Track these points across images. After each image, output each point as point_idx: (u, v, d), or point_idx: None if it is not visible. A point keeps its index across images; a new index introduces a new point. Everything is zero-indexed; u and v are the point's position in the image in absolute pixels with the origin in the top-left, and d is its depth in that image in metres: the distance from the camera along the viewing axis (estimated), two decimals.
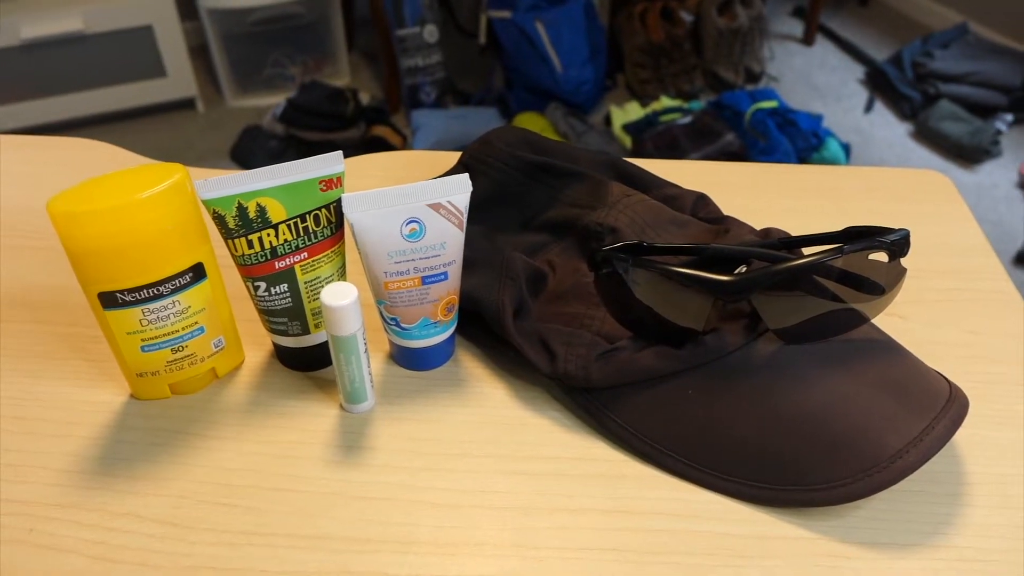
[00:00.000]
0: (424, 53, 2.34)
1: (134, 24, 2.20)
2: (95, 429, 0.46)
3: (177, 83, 2.34)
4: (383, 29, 2.29)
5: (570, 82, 2.34)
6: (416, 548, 0.40)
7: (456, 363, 0.51)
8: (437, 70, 2.39)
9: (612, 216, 0.53)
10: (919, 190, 0.65)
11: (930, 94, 2.45)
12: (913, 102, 2.45)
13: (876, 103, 2.53)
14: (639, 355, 0.45)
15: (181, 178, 0.42)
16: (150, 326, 0.44)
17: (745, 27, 2.53)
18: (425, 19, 2.31)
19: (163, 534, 0.41)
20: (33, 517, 0.42)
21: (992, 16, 2.69)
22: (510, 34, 2.34)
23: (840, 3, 3.15)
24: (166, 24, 2.23)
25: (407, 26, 2.31)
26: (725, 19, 2.54)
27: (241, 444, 0.46)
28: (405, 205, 0.44)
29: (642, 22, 2.52)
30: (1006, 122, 2.38)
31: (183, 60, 2.31)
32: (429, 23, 2.32)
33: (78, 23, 2.13)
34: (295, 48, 2.47)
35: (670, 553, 0.40)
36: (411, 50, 2.33)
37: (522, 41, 2.34)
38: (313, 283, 0.46)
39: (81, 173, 0.68)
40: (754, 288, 0.41)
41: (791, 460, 0.41)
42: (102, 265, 0.41)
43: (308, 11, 2.42)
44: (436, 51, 2.36)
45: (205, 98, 2.46)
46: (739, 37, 2.54)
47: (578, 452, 0.45)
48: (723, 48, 2.56)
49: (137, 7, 2.18)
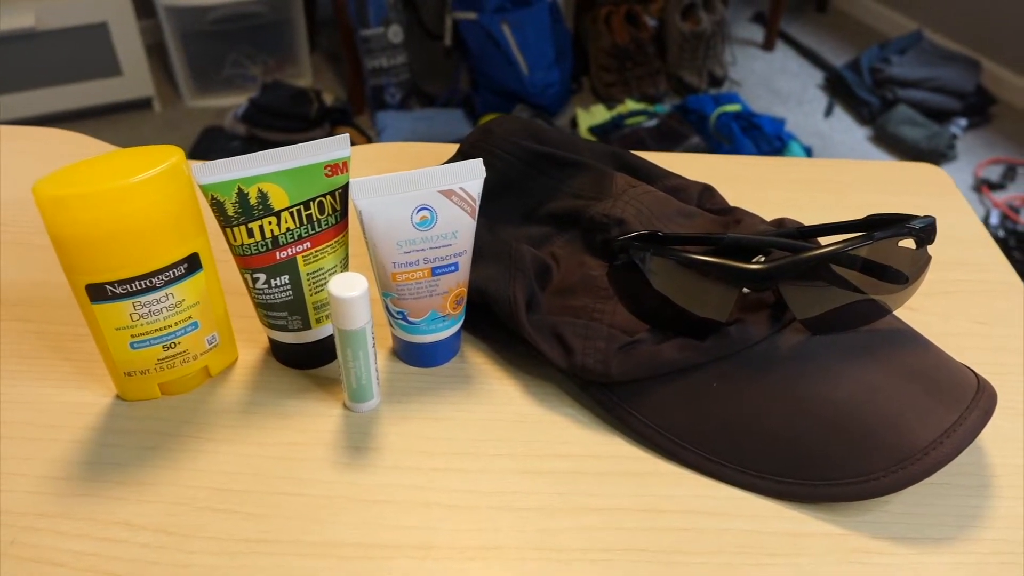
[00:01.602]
0: (389, 54, 2.31)
1: (88, 21, 2.13)
2: (79, 432, 0.43)
3: (133, 82, 2.27)
4: (346, 29, 2.25)
5: (536, 84, 2.33)
6: (434, 553, 0.38)
7: (463, 359, 0.49)
8: (402, 71, 2.36)
9: (618, 207, 0.52)
10: (916, 183, 0.65)
11: (888, 99, 2.49)
12: (872, 107, 2.49)
13: (836, 108, 2.57)
14: (661, 347, 0.43)
15: (177, 161, 0.39)
16: (141, 321, 0.41)
17: (708, 32, 2.55)
18: (390, 20, 2.28)
19: (159, 543, 0.38)
20: (13, 528, 0.39)
21: (945, 24, 2.75)
22: (476, 36, 2.33)
23: (799, 9, 3.20)
24: (121, 21, 2.17)
25: (371, 26, 2.27)
26: (689, 23, 2.55)
27: (238, 446, 0.43)
28: (416, 192, 0.41)
29: (607, 25, 2.53)
30: (961, 126, 2.44)
31: (139, 58, 2.24)
32: (394, 24, 2.29)
33: (29, 19, 2.05)
34: (255, 48, 2.42)
35: (699, 552, 0.39)
36: (375, 51, 2.30)
37: (488, 43, 2.32)
38: (316, 275, 0.44)
39: (46, 167, 0.64)
40: (783, 276, 0.40)
41: (821, 453, 0.40)
42: (91, 254, 0.38)
43: (269, 10, 2.38)
44: (401, 52, 2.33)
45: (162, 98, 2.40)
46: (702, 41, 2.56)
47: (596, 450, 0.43)
48: (687, 52, 2.57)
49: (91, 4, 2.11)
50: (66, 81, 2.19)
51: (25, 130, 0.68)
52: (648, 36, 2.54)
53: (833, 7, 3.23)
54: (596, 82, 2.54)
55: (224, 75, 2.41)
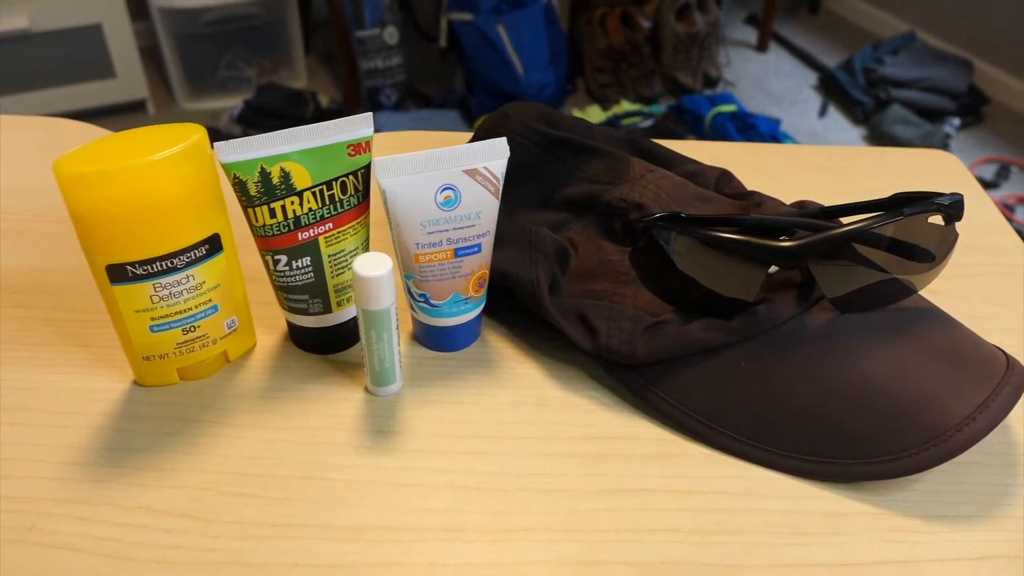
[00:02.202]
0: (384, 55, 2.31)
1: (82, 23, 2.11)
2: (96, 419, 0.42)
3: (127, 84, 2.25)
4: (342, 30, 2.25)
5: (532, 85, 2.33)
6: (464, 535, 0.38)
7: (484, 343, 0.48)
8: (397, 72, 2.35)
9: (636, 192, 0.51)
10: (929, 169, 0.65)
11: (881, 99, 2.50)
12: (865, 107, 2.50)
13: (830, 108, 2.58)
14: (687, 328, 0.42)
15: (200, 139, 0.38)
16: (161, 303, 0.40)
17: (703, 33, 2.56)
18: (385, 21, 2.28)
19: (182, 528, 0.37)
20: (32, 514, 0.38)
21: (937, 25, 2.77)
22: (471, 37, 2.32)
23: (791, 11, 3.21)
24: (116, 23, 2.15)
25: (367, 28, 2.27)
26: (683, 25, 2.56)
27: (260, 431, 0.42)
28: (439, 171, 0.41)
29: (602, 27, 2.53)
30: (954, 126, 2.45)
31: (133, 60, 2.23)
32: (389, 25, 2.29)
33: (23, 21, 2.04)
34: (250, 49, 2.41)
35: (732, 532, 0.38)
36: (371, 52, 2.29)
37: (483, 44, 2.32)
38: (337, 256, 0.43)
39: (58, 154, 0.63)
40: (813, 253, 0.40)
41: (853, 432, 0.39)
42: (111, 233, 0.37)
43: (264, 12, 2.37)
44: (396, 53, 2.32)
45: (156, 100, 2.38)
46: (697, 42, 2.57)
47: (623, 432, 0.43)
48: (681, 53, 2.58)
49: (85, 5, 2.10)
50: (60, 83, 2.18)
51: (26, 119, 0.68)
52: (643, 37, 2.55)
53: (825, 9, 3.25)
54: (591, 83, 2.54)
55: (218, 77, 2.40)
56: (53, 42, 2.11)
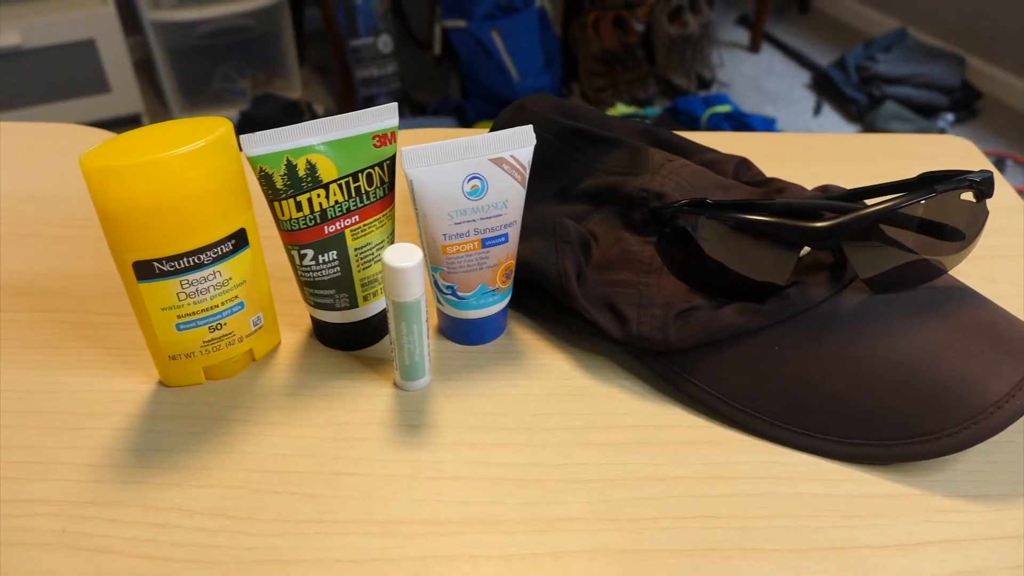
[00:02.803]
0: (379, 63, 2.31)
1: (75, 38, 2.11)
2: (123, 420, 0.42)
3: (122, 99, 2.25)
4: (336, 40, 2.25)
5: (527, 90, 2.33)
6: (504, 527, 0.37)
7: (510, 336, 0.47)
8: (392, 81, 2.35)
9: (657, 181, 0.51)
10: (943, 153, 0.65)
11: (875, 96, 2.51)
12: (859, 104, 2.51)
13: (824, 106, 2.59)
14: (719, 312, 0.42)
15: (226, 131, 0.38)
16: (188, 300, 0.40)
17: (696, 34, 2.57)
18: (379, 29, 2.28)
19: (218, 527, 0.37)
20: (63, 517, 0.37)
21: (928, 21, 2.78)
22: (465, 43, 2.33)
23: (782, 11, 3.23)
24: (109, 38, 2.15)
25: (361, 36, 2.27)
26: (676, 27, 2.57)
27: (290, 428, 0.41)
28: (466, 160, 0.40)
29: (595, 31, 2.53)
30: (948, 121, 2.46)
31: (127, 75, 2.22)
32: (383, 33, 2.29)
33: (15, 38, 2.03)
34: (244, 61, 2.41)
35: (774, 517, 0.38)
36: (366, 61, 2.29)
37: (478, 50, 2.33)
38: (363, 250, 0.42)
39: (70, 159, 0.63)
40: (847, 234, 0.39)
41: (890, 412, 0.39)
42: (138, 229, 0.37)
43: (257, 24, 2.37)
44: (391, 61, 2.33)
45: (151, 114, 2.38)
46: (690, 44, 2.58)
47: (656, 419, 0.42)
48: (675, 55, 2.59)
49: (78, 21, 2.10)
50: (54, 99, 2.17)
51: (37, 126, 0.67)
52: (636, 40, 2.55)
53: (815, 8, 3.27)
54: (586, 87, 2.55)
55: (213, 89, 2.39)
56: (46, 58, 2.11)
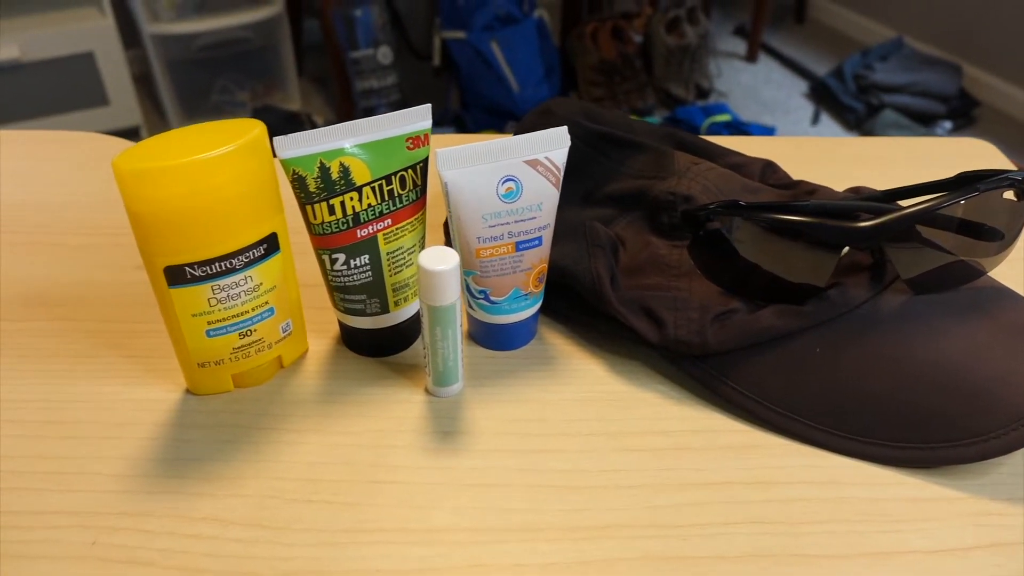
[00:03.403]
0: (379, 75, 2.31)
1: (74, 51, 2.10)
2: (150, 429, 0.41)
3: (120, 111, 2.24)
4: (335, 52, 2.25)
5: (527, 100, 2.34)
6: (546, 535, 0.36)
7: (541, 341, 0.47)
8: (392, 92, 2.35)
9: (684, 184, 0.50)
10: (967, 156, 0.64)
11: (873, 104, 2.52)
12: (857, 112, 2.52)
13: (822, 115, 2.60)
14: (758, 315, 0.41)
15: (260, 133, 0.37)
16: (219, 306, 0.39)
17: (694, 45, 2.57)
18: (379, 41, 2.28)
19: (253, 538, 0.36)
20: (93, 529, 0.36)
21: (923, 30, 2.80)
22: (465, 54, 2.33)
23: (778, 21, 3.24)
24: (108, 51, 2.14)
25: (360, 48, 2.27)
26: (674, 37, 2.58)
27: (323, 436, 0.41)
28: (501, 162, 0.40)
29: (594, 41, 2.54)
30: (946, 129, 2.47)
31: (126, 88, 2.22)
32: (383, 45, 2.29)
33: (14, 51, 2.03)
34: (243, 74, 2.41)
35: (822, 522, 0.37)
36: (365, 72, 2.29)
37: (477, 61, 2.33)
38: (395, 254, 0.42)
39: (85, 167, 0.62)
40: (889, 233, 0.39)
41: (935, 415, 0.38)
42: (172, 233, 0.36)
43: (256, 36, 2.36)
44: (391, 73, 2.33)
45: (150, 126, 2.37)
46: (688, 54, 2.58)
47: (695, 424, 0.42)
48: (673, 65, 2.59)
49: (77, 34, 2.09)
50: (53, 112, 2.16)
51: (51, 134, 0.66)
52: (634, 50, 2.56)
53: (811, 18, 3.28)
54: (585, 97, 2.55)
55: (212, 102, 2.39)
56: (45, 71, 2.10)
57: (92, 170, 0.63)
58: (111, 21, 2.12)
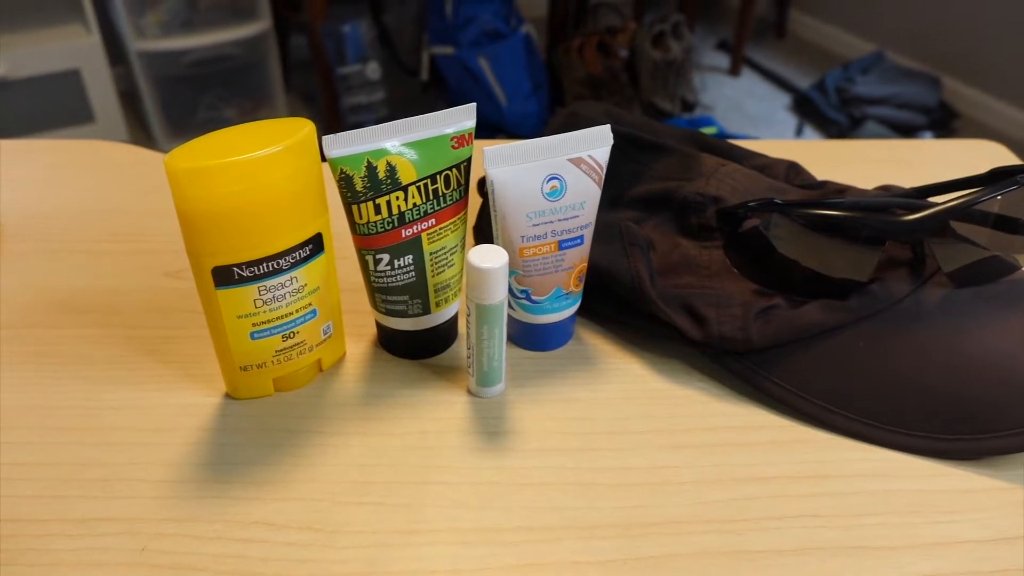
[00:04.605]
0: (367, 91, 2.31)
1: (60, 68, 2.09)
2: (192, 434, 0.40)
3: (106, 128, 2.22)
4: (323, 68, 2.25)
5: (515, 115, 2.35)
6: (601, 532, 0.36)
7: (579, 341, 0.47)
8: (380, 107, 2.35)
9: (712, 186, 0.51)
10: (981, 157, 0.65)
11: (855, 117, 2.56)
12: (840, 125, 2.56)
13: (805, 128, 2.63)
14: (802, 310, 0.42)
15: (310, 132, 0.37)
16: (264, 307, 0.39)
17: (679, 59, 2.60)
18: (367, 56, 2.29)
19: (306, 541, 0.35)
20: (142, 535, 0.36)
21: (904, 44, 2.85)
22: (453, 70, 2.34)
23: (760, 36, 3.28)
24: (94, 68, 2.13)
25: (349, 64, 2.27)
26: (659, 51, 2.60)
27: (368, 438, 0.40)
28: (545, 160, 0.40)
29: (580, 56, 2.56)
30: None
31: (113, 105, 2.20)
32: (371, 60, 2.29)
33: (1, 68, 2.01)
34: (230, 90, 2.40)
35: (875, 515, 0.37)
36: (354, 88, 2.29)
37: (465, 77, 2.34)
38: (438, 254, 0.42)
39: (96, 176, 0.61)
40: (932, 227, 0.39)
41: (980, 406, 0.39)
42: (221, 232, 0.36)
43: (243, 52, 2.36)
44: (379, 88, 2.33)
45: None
46: (673, 68, 2.61)
47: (740, 421, 0.42)
48: (658, 79, 2.62)
49: (63, 51, 2.08)
50: (39, 129, 2.14)
51: (68, 143, 0.66)
52: (620, 65, 2.58)
53: (791, 33, 3.33)
54: None
55: (199, 118, 2.37)
56: (31, 89, 2.08)
57: (111, 178, 0.62)
58: (97, 38, 2.11)
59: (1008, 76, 2.51)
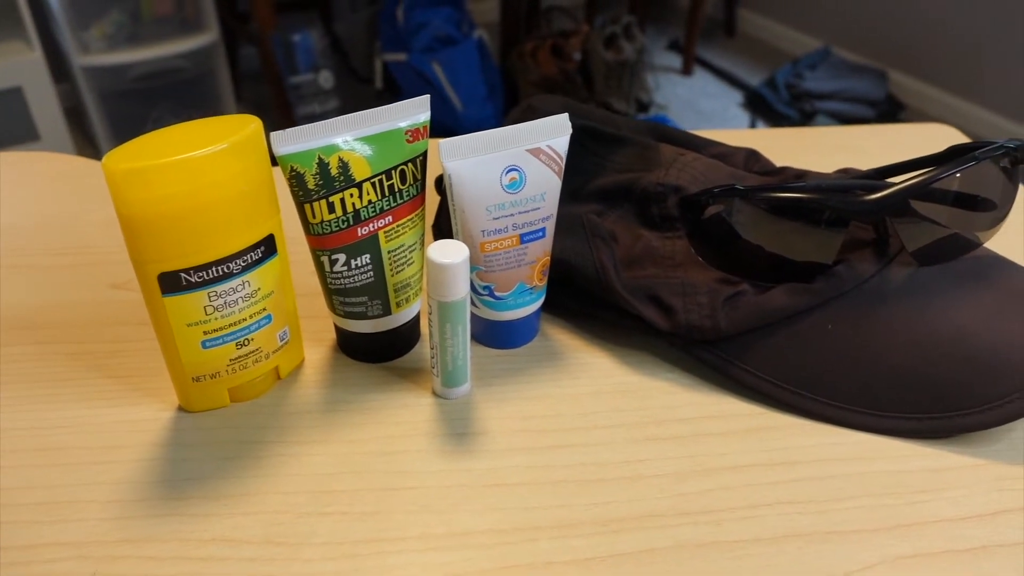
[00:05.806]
0: (321, 99, 2.28)
1: (1, 87, 2.03)
2: (144, 450, 0.38)
3: (53, 147, 2.16)
4: (275, 78, 2.22)
5: (471, 119, 2.34)
6: (576, 530, 0.35)
7: (544, 337, 0.46)
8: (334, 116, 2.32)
9: (672, 175, 0.50)
10: (935, 139, 0.66)
11: (806, 111, 2.59)
12: (792, 120, 2.59)
13: (758, 123, 2.66)
14: (769, 295, 0.41)
15: (257, 128, 0.35)
16: (215, 314, 0.37)
17: (632, 60, 2.61)
18: (319, 65, 2.26)
19: (267, 556, 0.34)
20: (92, 559, 0.34)
21: (849, 39, 2.90)
22: (407, 76, 2.32)
23: (709, 35, 3.32)
24: (37, 85, 2.07)
25: (301, 73, 2.24)
26: (612, 53, 2.61)
27: (330, 446, 0.39)
28: (503, 151, 0.39)
29: (534, 59, 2.56)
30: None
31: (58, 122, 2.14)
32: (323, 69, 2.26)
33: None
34: (179, 103, 2.35)
35: (850, 498, 0.36)
36: (307, 97, 2.26)
37: (419, 82, 2.32)
38: (397, 252, 0.40)
39: (34, 188, 0.59)
40: (896, 205, 0.39)
41: (949, 384, 0.38)
42: (166, 237, 0.34)
43: (191, 65, 2.32)
44: (333, 97, 2.30)
45: None
46: (627, 69, 2.62)
47: (711, 410, 0.41)
48: (612, 80, 2.63)
49: (4, 69, 2.02)
50: None
51: (14, 155, 0.63)
52: (574, 67, 2.58)
53: (741, 31, 3.37)
54: None
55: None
56: None
57: (49, 189, 0.59)
58: (39, 54, 2.05)
59: (950, 68, 2.56)
